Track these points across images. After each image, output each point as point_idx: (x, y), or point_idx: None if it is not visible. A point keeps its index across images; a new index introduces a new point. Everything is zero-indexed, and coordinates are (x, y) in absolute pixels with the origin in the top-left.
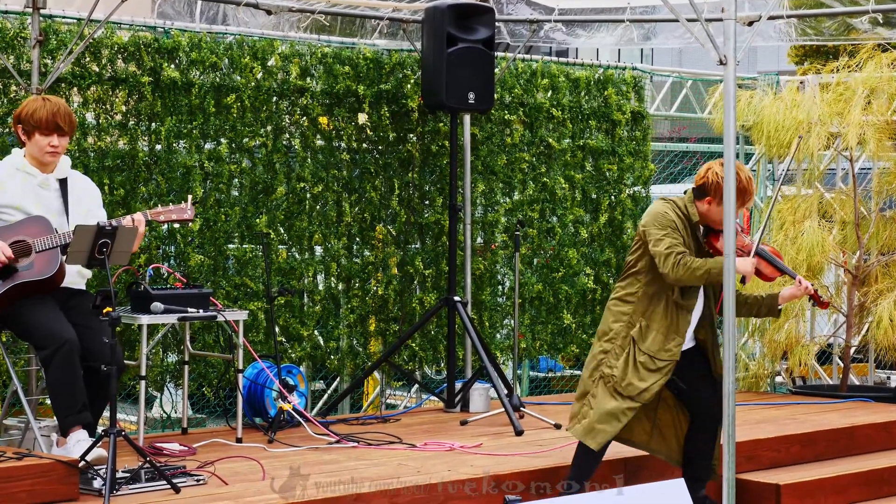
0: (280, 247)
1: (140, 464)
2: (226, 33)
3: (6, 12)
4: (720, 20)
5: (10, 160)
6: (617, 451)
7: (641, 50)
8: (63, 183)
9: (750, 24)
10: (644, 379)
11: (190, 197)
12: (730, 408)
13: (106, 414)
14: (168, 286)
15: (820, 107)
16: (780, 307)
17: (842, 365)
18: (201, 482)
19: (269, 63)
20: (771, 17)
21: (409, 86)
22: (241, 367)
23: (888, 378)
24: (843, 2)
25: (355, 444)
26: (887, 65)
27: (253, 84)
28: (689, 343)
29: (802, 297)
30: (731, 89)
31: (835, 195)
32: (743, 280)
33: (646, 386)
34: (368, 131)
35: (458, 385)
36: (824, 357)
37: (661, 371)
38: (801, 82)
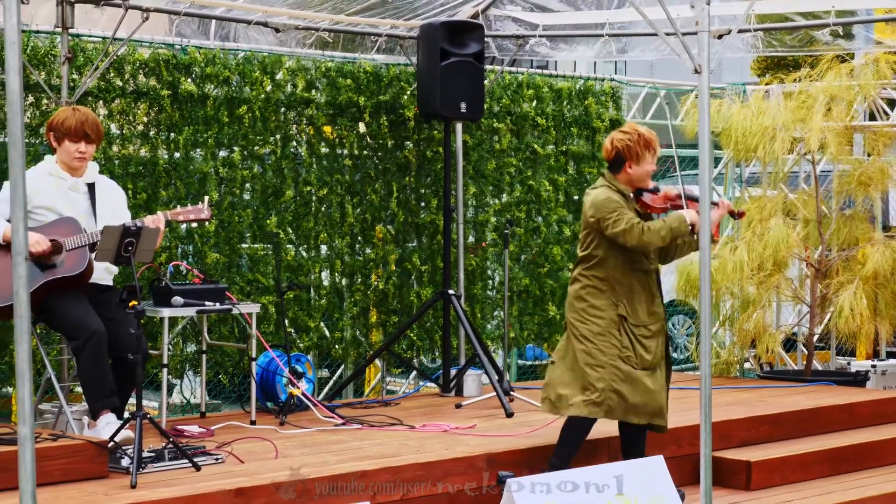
0: (289, 245)
1: (164, 444)
2: (237, 49)
3: (38, 32)
4: (694, 34)
5: (41, 166)
6: (601, 430)
7: (615, 63)
8: (91, 187)
9: (720, 37)
10: (648, 348)
11: (206, 198)
12: (706, 390)
13: (132, 400)
14: (187, 282)
15: (784, 114)
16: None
17: (806, 352)
18: (219, 461)
19: (278, 77)
20: (740, 31)
21: (405, 97)
22: (254, 355)
23: (848, 363)
24: (805, 16)
25: (359, 425)
26: (846, 74)
27: (263, 96)
28: None
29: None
30: (705, 95)
31: (798, 195)
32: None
33: (652, 353)
34: (369, 139)
35: (453, 372)
36: (790, 344)
37: (657, 334)
38: (766, 91)
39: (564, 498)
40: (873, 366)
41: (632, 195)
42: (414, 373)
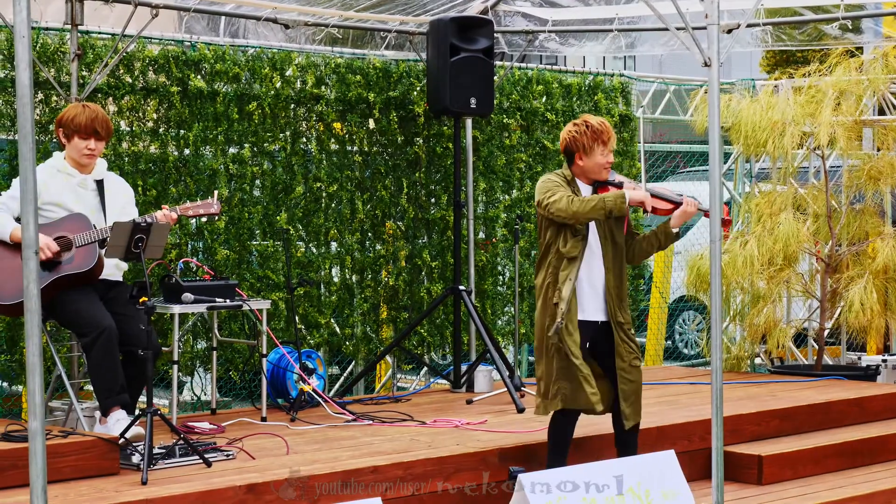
0: (299, 242)
1: (174, 441)
2: (247, 46)
3: (47, 29)
4: (703, 28)
5: (50, 162)
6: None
7: (624, 59)
8: (100, 183)
9: (729, 31)
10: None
11: (216, 193)
12: (717, 384)
13: (143, 397)
14: (197, 278)
15: (793, 108)
16: (675, 229)
17: (816, 346)
18: (230, 457)
19: (287, 73)
20: (749, 25)
21: (415, 93)
22: (264, 352)
23: (859, 358)
24: (814, 10)
25: (370, 421)
26: (855, 69)
27: (272, 93)
28: (600, 315)
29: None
30: (715, 88)
31: (808, 190)
32: (645, 211)
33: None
34: (378, 135)
35: (464, 367)
36: (800, 339)
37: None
38: (775, 86)
39: (568, 498)
40: (884, 360)
41: (578, 184)
42: (424, 369)
